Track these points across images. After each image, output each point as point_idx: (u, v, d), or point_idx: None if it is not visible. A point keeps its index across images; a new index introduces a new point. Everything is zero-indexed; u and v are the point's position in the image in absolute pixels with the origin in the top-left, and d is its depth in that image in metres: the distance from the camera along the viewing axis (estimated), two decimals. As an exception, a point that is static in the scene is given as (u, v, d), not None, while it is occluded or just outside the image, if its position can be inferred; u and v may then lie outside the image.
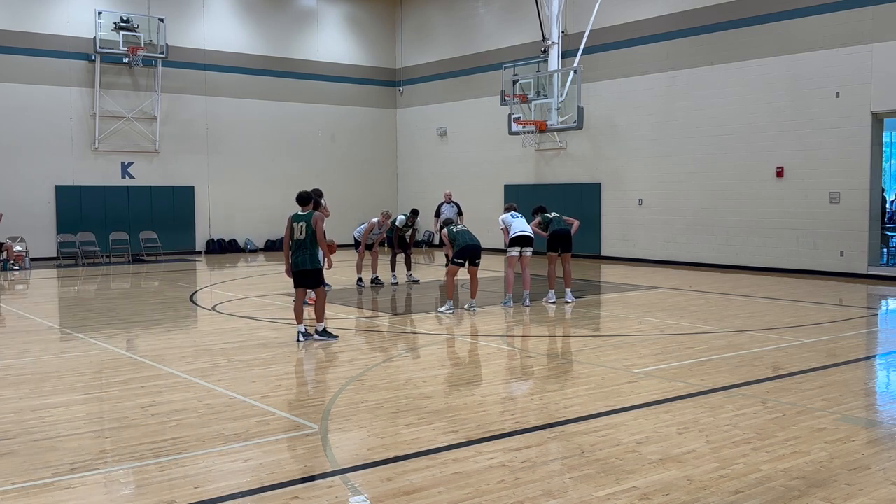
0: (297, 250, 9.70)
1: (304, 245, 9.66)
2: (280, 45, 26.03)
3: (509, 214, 13.15)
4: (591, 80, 21.29)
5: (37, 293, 16.22)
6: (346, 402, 6.95)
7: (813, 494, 4.75)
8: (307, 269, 9.68)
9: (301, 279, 9.78)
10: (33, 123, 21.84)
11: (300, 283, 9.81)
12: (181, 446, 5.71)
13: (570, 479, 5.02)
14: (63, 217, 22.25)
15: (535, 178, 23.61)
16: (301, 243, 9.67)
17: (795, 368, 8.23)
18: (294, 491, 4.82)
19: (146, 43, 22.81)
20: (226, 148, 24.99)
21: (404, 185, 28.25)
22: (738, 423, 6.18)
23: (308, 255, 9.68)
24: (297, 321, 9.91)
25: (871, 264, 16.63)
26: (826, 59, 16.95)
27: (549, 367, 8.46)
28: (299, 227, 9.67)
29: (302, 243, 9.67)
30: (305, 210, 9.80)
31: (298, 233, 9.67)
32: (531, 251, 13.10)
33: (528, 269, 13.18)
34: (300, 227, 9.66)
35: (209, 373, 8.13)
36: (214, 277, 18.87)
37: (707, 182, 19.25)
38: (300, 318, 9.91)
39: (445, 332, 10.71)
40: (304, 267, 9.67)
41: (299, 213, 9.80)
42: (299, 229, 9.66)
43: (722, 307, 12.79)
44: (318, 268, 9.87)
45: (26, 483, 4.98)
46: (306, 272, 9.71)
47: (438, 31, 26.86)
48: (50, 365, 8.65)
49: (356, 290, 15.01)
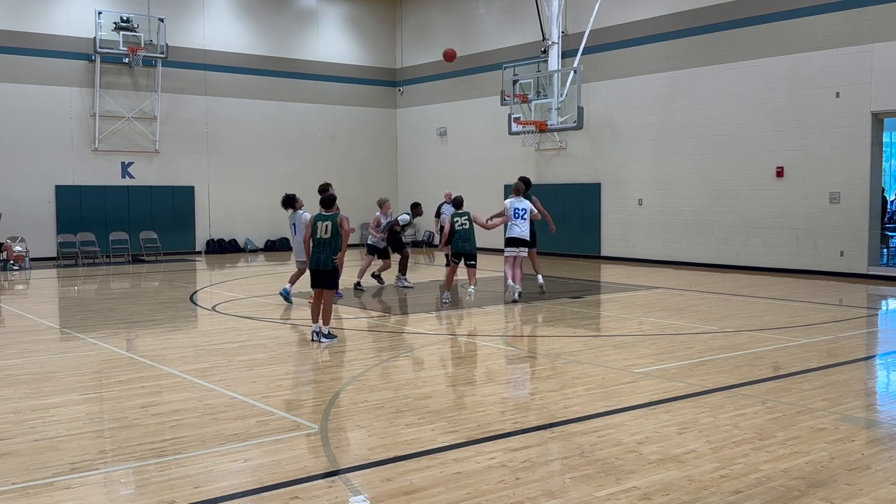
0: (319, 250, 9.77)
1: (327, 245, 9.72)
2: (280, 45, 26.04)
3: (512, 200, 13.52)
4: (591, 80, 21.29)
5: (37, 293, 16.22)
6: (346, 402, 6.95)
7: (813, 494, 4.75)
8: (328, 269, 9.74)
9: (319, 279, 9.83)
10: (33, 123, 21.84)
11: (318, 282, 9.85)
12: (181, 446, 5.71)
13: (570, 479, 5.02)
14: (63, 217, 22.25)
15: (536, 177, 23.55)
16: (325, 243, 9.73)
17: (795, 368, 8.23)
18: (294, 491, 4.82)
19: (146, 43, 22.81)
20: (226, 148, 24.99)
21: (404, 185, 28.24)
22: (738, 423, 6.18)
23: (329, 255, 9.73)
24: (314, 320, 9.93)
25: (871, 264, 16.62)
26: (826, 59, 16.94)
27: (549, 367, 8.46)
28: (324, 226, 9.75)
29: (326, 243, 9.73)
30: (330, 212, 9.92)
31: (323, 232, 9.74)
32: (526, 251, 13.35)
33: (518, 269, 13.35)
34: (324, 227, 9.74)
35: (209, 373, 8.13)
36: (214, 277, 18.88)
37: (707, 182, 19.25)
38: (316, 318, 9.90)
39: (445, 332, 10.71)
40: (324, 267, 9.73)
41: (323, 213, 9.92)
42: (324, 229, 9.74)
43: (722, 307, 12.78)
44: (336, 269, 9.89)
45: (26, 483, 4.98)
46: (326, 272, 9.77)
47: (438, 32, 26.86)
48: (50, 365, 8.65)
49: (354, 294, 14.94)
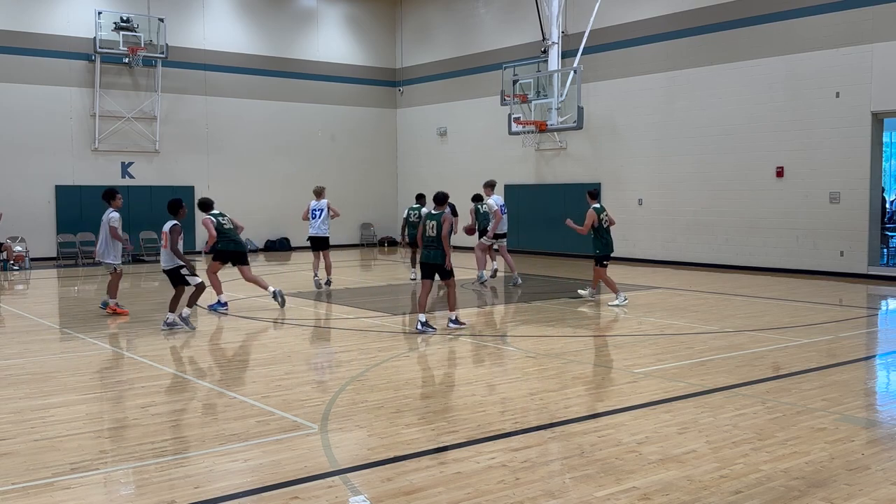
0: (429, 245, 10.52)
1: (436, 241, 10.41)
2: (280, 45, 26.04)
3: (498, 199, 15.55)
4: (591, 80, 21.29)
5: (37, 293, 16.22)
6: (346, 402, 6.95)
7: (813, 494, 4.75)
8: (438, 263, 10.45)
9: (430, 271, 10.58)
10: (33, 123, 21.84)
11: (429, 274, 10.59)
12: (181, 446, 5.71)
13: (570, 479, 5.02)
14: (63, 217, 22.25)
15: (535, 178, 23.61)
16: (433, 239, 10.45)
17: (795, 368, 8.23)
18: (294, 491, 4.82)
19: (146, 43, 22.81)
20: (226, 148, 24.99)
21: (404, 185, 28.23)
22: (738, 423, 6.18)
23: (438, 250, 10.42)
24: (420, 310, 10.55)
25: (871, 264, 16.62)
26: (826, 59, 16.94)
27: (549, 367, 8.46)
28: (431, 224, 10.47)
29: (434, 239, 10.43)
30: (439, 209, 10.58)
31: (431, 230, 10.47)
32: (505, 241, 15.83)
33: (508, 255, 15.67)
34: (432, 225, 10.46)
35: (209, 373, 8.13)
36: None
37: (707, 182, 19.25)
38: (423, 308, 10.56)
39: (446, 333, 10.71)
40: (434, 261, 10.47)
41: (432, 211, 10.63)
42: (431, 227, 10.46)
43: (722, 307, 12.79)
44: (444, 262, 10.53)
45: (26, 483, 4.98)
46: (437, 266, 10.50)
47: (438, 31, 26.86)
48: (50, 365, 8.65)
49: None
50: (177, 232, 10.81)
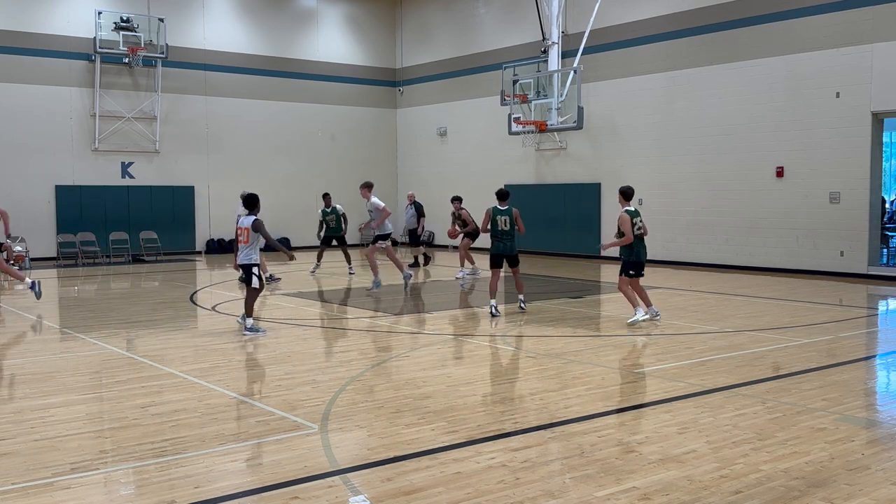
0: (503, 238, 11.89)
1: (510, 234, 11.89)
2: (280, 45, 26.03)
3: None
4: (591, 80, 21.29)
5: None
6: (346, 402, 6.95)
7: (813, 494, 4.75)
8: (514, 253, 12.03)
9: (501, 261, 12.02)
10: (33, 123, 21.84)
11: (500, 264, 12.01)
12: (181, 446, 5.71)
13: (570, 479, 5.02)
14: (63, 217, 22.24)
15: (535, 178, 23.61)
16: (507, 233, 11.87)
17: (795, 368, 8.23)
18: (294, 491, 4.82)
19: (146, 43, 22.80)
20: (226, 148, 24.98)
21: (404, 185, 28.20)
22: (738, 423, 6.18)
23: (514, 243, 11.96)
24: (491, 296, 11.89)
25: (871, 264, 16.62)
26: (826, 59, 16.94)
27: (549, 367, 8.46)
28: (503, 219, 11.85)
29: (507, 233, 11.87)
30: (504, 205, 11.92)
31: (503, 224, 11.84)
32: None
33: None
34: (504, 220, 11.84)
35: (209, 373, 8.13)
36: (214, 277, 18.87)
37: (707, 182, 19.24)
38: (494, 294, 11.91)
39: (446, 332, 10.71)
40: (511, 252, 11.98)
41: (499, 207, 11.90)
42: (503, 222, 11.84)
43: (722, 307, 12.78)
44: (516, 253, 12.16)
45: (26, 483, 4.98)
46: (513, 256, 12.05)
47: (438, 31, 26.86)
48: (50, 365, 8.65)
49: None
50: (262, 225, 10.48)
